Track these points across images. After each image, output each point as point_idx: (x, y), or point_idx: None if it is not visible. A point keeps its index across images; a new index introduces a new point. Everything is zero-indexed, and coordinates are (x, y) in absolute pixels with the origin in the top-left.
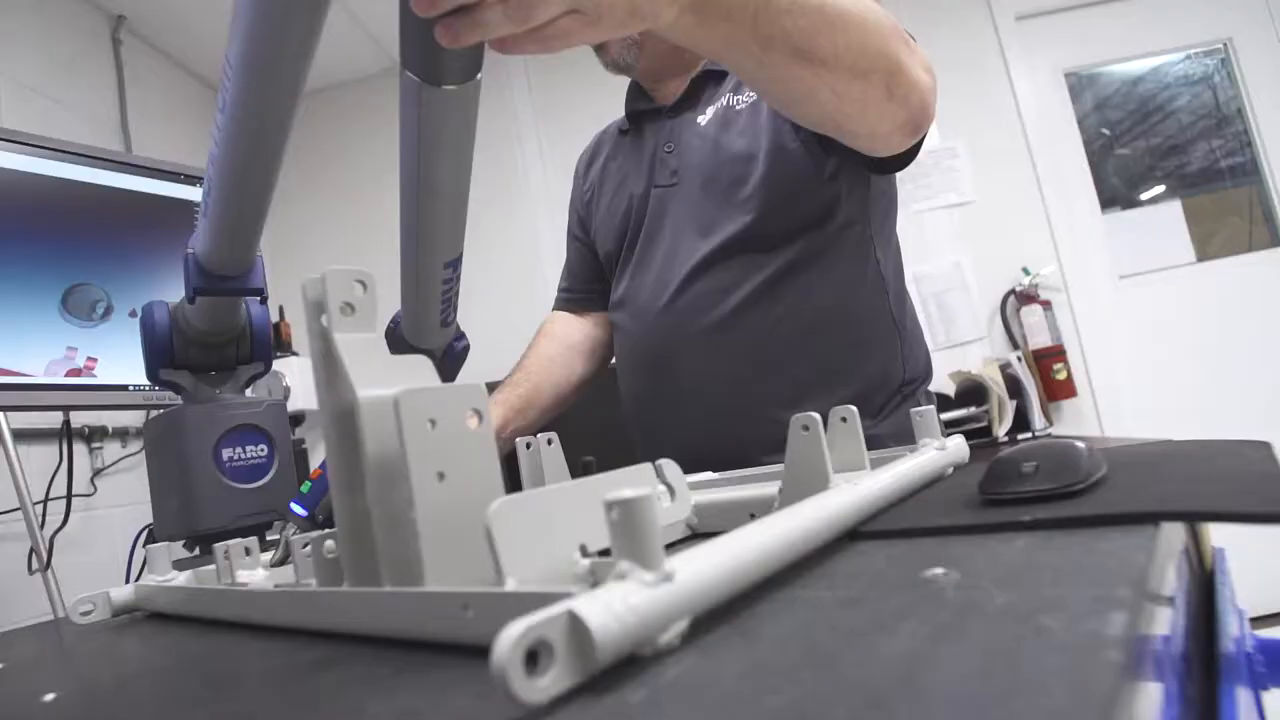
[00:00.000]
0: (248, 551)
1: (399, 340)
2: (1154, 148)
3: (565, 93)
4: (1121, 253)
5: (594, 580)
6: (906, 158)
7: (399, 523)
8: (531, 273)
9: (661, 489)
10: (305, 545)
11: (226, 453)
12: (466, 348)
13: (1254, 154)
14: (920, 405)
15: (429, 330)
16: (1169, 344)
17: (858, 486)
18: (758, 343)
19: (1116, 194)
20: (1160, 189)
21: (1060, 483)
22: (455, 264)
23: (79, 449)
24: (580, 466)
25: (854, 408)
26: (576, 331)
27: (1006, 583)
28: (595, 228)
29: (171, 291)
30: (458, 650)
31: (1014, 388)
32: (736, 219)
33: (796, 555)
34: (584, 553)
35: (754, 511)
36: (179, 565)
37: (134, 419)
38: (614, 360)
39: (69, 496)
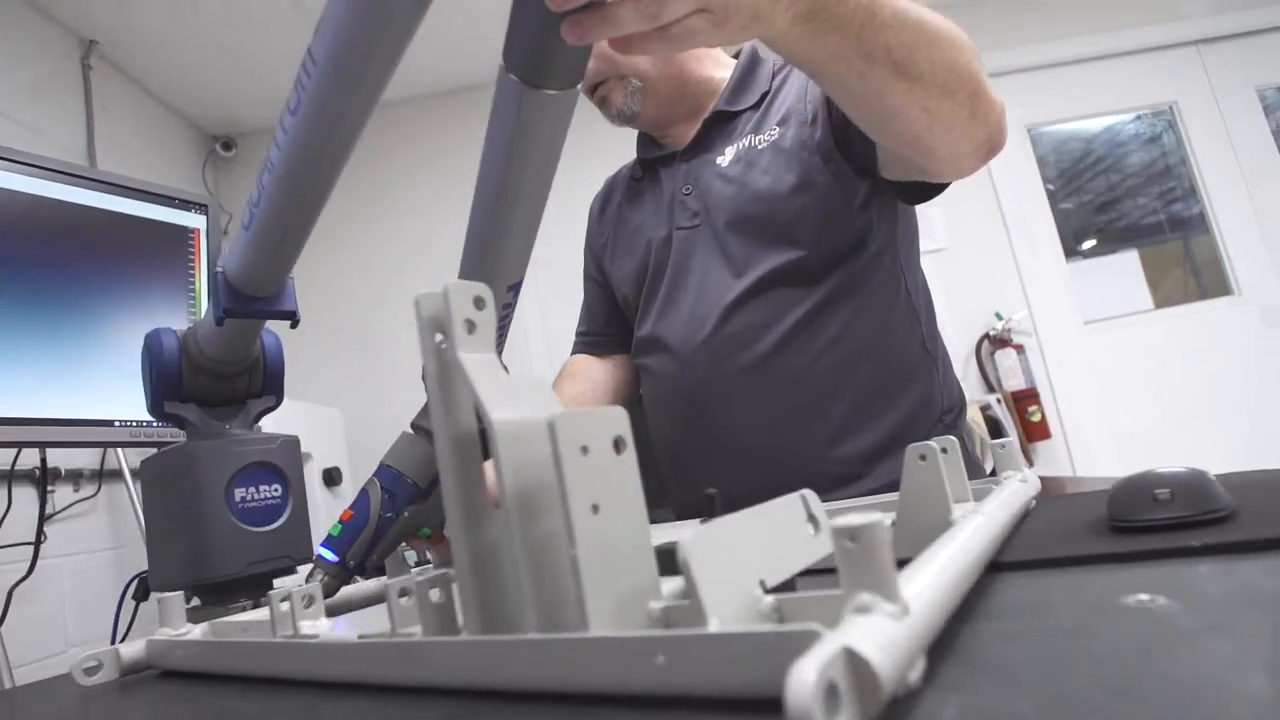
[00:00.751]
0: (309, 602)
1: None
2: (1108, 201)
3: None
4: (1086, 300)
5: (779, 617)
6: (943, 187)
7: (547, 560)
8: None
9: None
10: (402, 591)
11: (239, 493)
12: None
13: (1201, 207)
14: (959, 434)
15: None
16: (1132, 388)
17: (990, 516)
18: (799, 378)
19: (1077, 244)
20: (1114, 240)
21: (1202, 509)
22: (517, 289)
23: (30, 492)
24: (705, 500)
25: (954, 439)
26: (599, 372)
27: (1244, 608)
28: (612, 271)
29: (128, 316)
30: (632, 703)
31: (994, 429)
32: (771, 255)
33: (969, 584)
34: (763, 587)
35: None
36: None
37: (89, 459)
38: (640, 402)
39: (37, 543)
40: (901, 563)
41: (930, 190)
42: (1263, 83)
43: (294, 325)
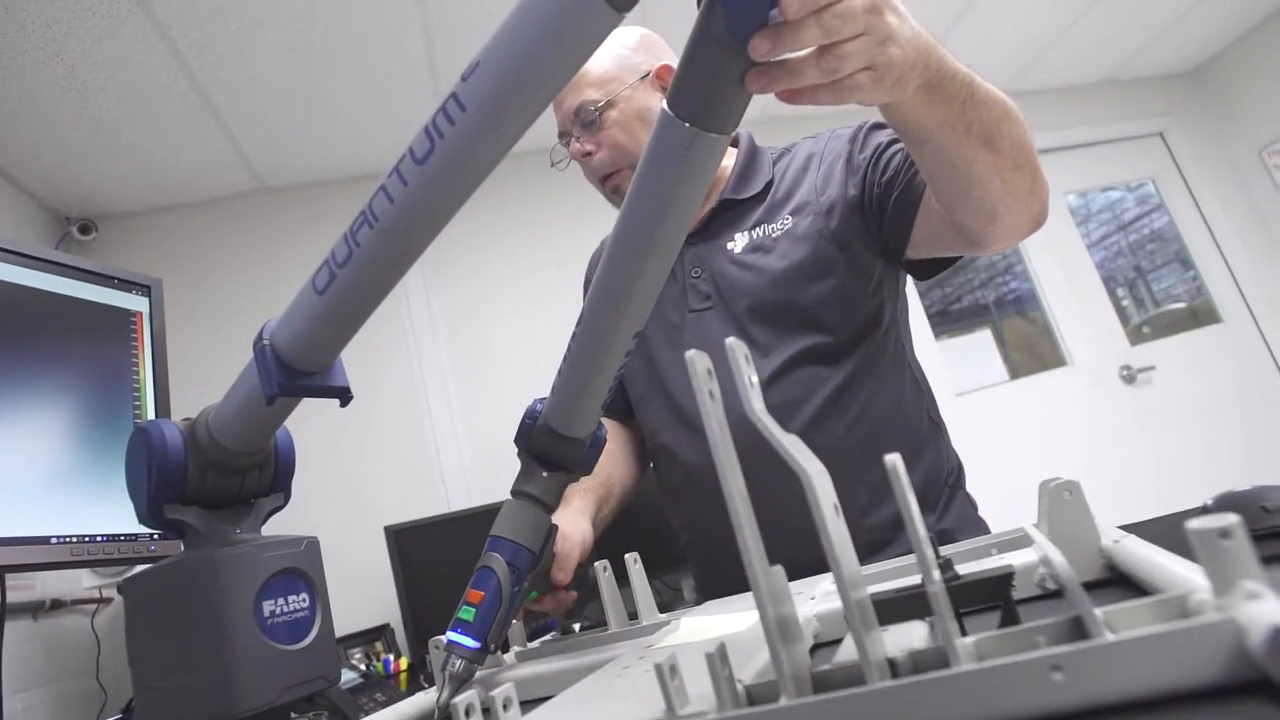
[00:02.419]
0: (507, 703)
1: (544, 433)
2: (964, 289)
3: (453, 238)
4: (954, 374)
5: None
6: (955, 262)
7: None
8: (418, 412)
9: None
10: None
11: (268, 606)
12: (606, 435)
13: (1036, 295)
14: (966, 497)
15: (590, 414)
16: (1001, 450)
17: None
18: (834, 452)
19: (942, 325)
20: (970, 321)
21: None
22: (638, 337)
23: None
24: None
25: (1078, 481)
26: (620, 434)
27: None
28: None
29: (57, 414)
30: None
31: None
32: (797, 338)
33: None
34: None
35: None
36: None
37: None
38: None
39: None
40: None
41: (942, 266)
42: (1067, 188)
43: (345, 404)
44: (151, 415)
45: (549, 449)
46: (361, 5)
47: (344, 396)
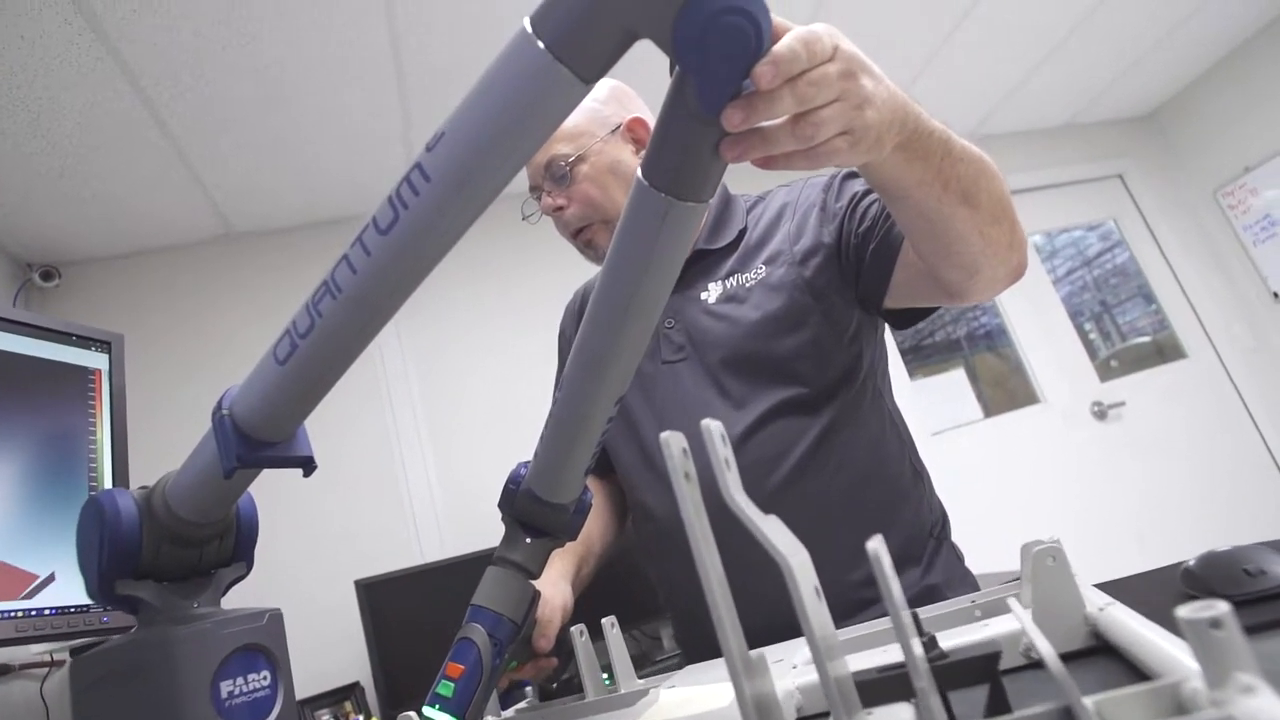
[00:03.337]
0: None
1: (528, 499)
2: (936, 327)
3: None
4: (929, 414)
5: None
6: (933, 311)
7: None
8: (390, 461)
9: None
10: None
11: (225, 687)
12: (593, 498)
13: (1007, 335)
14: (951, 548)
15: (574, 481)
16: (979, 488)
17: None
18: (813, 507)
19: (916, 365)
20: (943, 360)
21: None
22: (619, 403)
23: None
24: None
25: (1060, 544)
26: (600, 490)
27: None
28: None
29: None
30: None
31: None
32: (773, 390)
33: None
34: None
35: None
36: None
37: None
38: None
39: None
40: (1066, 657)
41: (921, 315)
42: (1031, 229)
43: (308, 473)
44: (109, 478)
45: (533, 515)
46: (333, 54)
47: (307, 466)
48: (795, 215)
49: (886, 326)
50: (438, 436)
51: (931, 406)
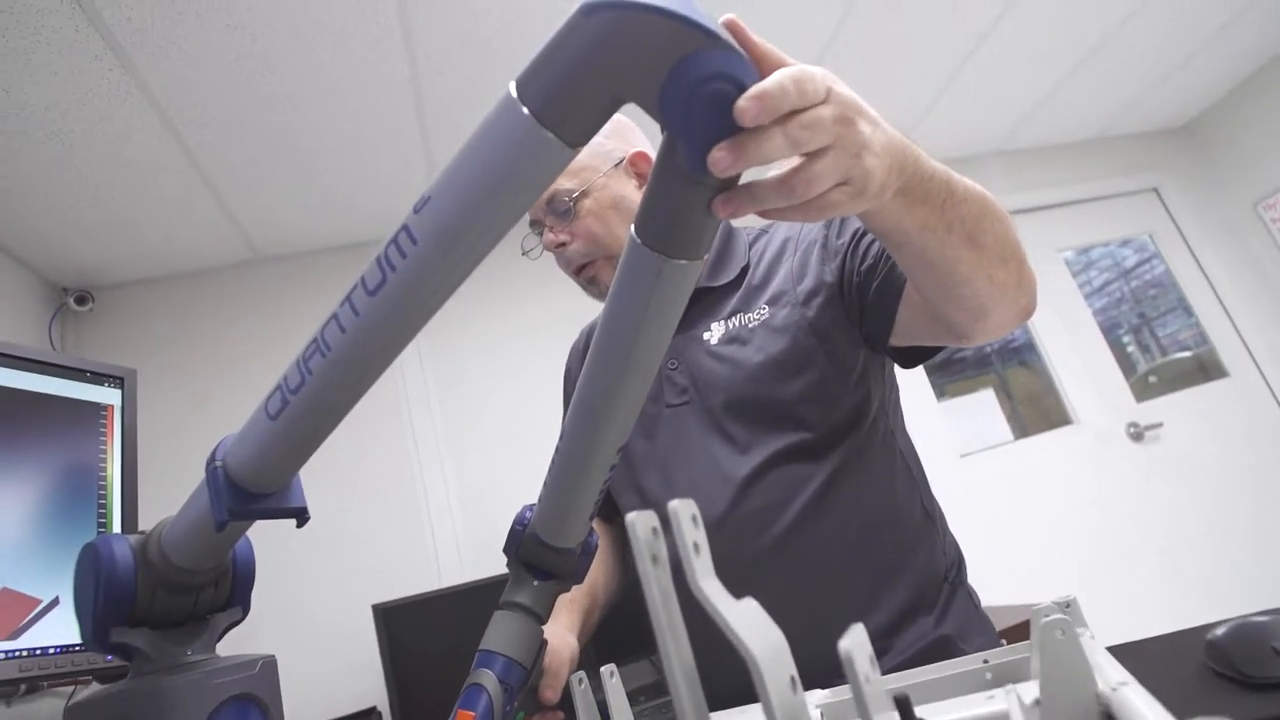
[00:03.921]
0: None
1: (533, 543)
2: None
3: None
4: (957, 435)
5: None
6: (940, 350)
7: None
8: (411, 484)
9: None
10: None
11: None
12: (598, 541)
13: (1037, 354)
14: (967, 594)
15: (579, 525)
16: (1008, 513)
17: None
18: (819, 556)
19: (942, 385)
20: (970, 380)
21: None
22: (622, 450)
23: None
24: None
25: (1069, 617)
26: (606, 534)
27: None
28: None
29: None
30: None
31: None
32: (777, 435)
33: None
34: None
35: None
36: None
37: None
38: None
39: None
40: None
41: (929, 353)
42: (1063, 245)
43: (302, 524)
44: (118, 513)
45: (539, 558)
46: (352, 82)
47: (300, 517)
48: (797, 252)
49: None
50: (459, 459)
51: (959, 428)
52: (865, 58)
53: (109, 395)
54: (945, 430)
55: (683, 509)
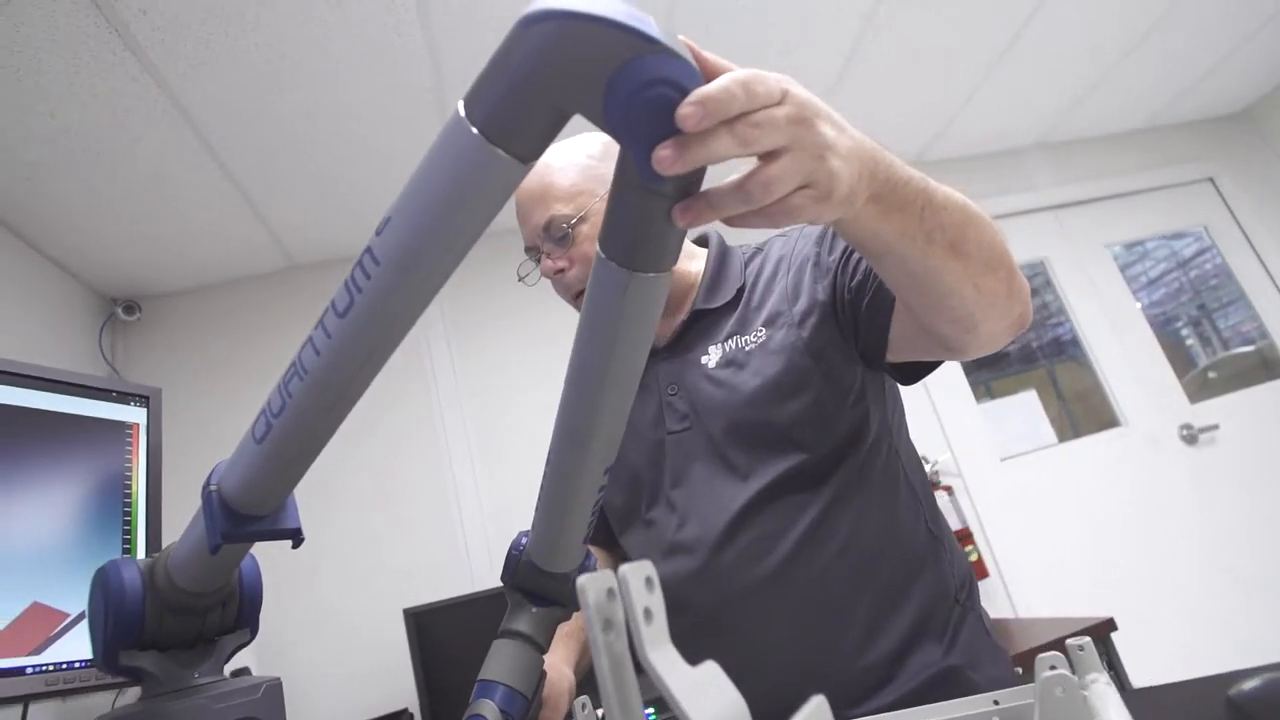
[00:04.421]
0: None
1: (529, 569)
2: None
3: (478, 319)
4: (998, 438)
5: None
6: (940, 364)
7: None
8: (443, 487)
9: None
10: None
11: None
12: (596, 564)
13: (1081, 351)
14: (978, 619)
15: (572, 550)
16: (1051, 519)
17: None
18: (818, 585)
19: (983, 386)
20: (1013, 382)
21: None
22: (610, 471)
23: None
24: None
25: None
26: (606, 562)
27: None
28: None
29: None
30: None
31: None
32: (774, 461)
33: None
34: None
35: None
36: None
37: None
38: None
39: None
40: None
41: (928, 368)
42: (1110, 240)
43: (297, 545)
44: (142, 532)
45: (536, 584)
46: (380, 95)
47: (295, 538)
48: (790, 270)
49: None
50: (491, 464)
51: (1000, 430)
52: (900, 45)
53: (134, 414)
54: (985, 433)
55: (634, 573)
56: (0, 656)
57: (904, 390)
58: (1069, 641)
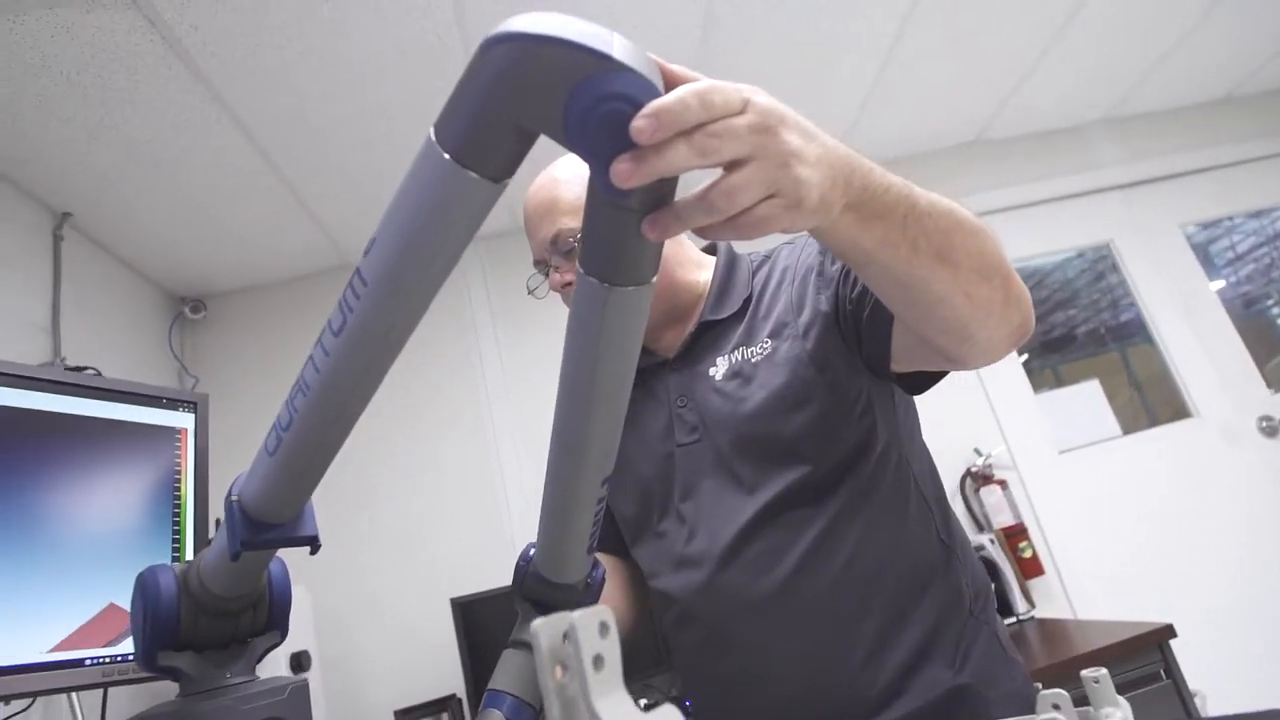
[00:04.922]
0: None
1: (536, 580)
2: (1065, 334)
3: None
4: (1057, 430)
5: None
6: (945, 374)
7: None
8: (490, 479)
9: None
10: None
11: None
12: (604, 574)
13: (1149, 338)
14: (992, 634)
15: (577, 560)
16: (1112, 515)
17: None
18: (824, 601)
19: (1041, 376)
20: (1074, 370)
21: None
22: (609, 482)
23: None
24: None
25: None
26: (617, 571)
27: None
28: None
29: (97, 536)
30: None
31: (990, 571)
32: (780, 474)
33: None
34: None
35: None
36: None
37: None
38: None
39: None
40: None
41: (935, 378)
42: (1184, 219)
43: (314, 551)
44: (190, 534)
45: (544, 595)
46: (423, 98)
47: (313, 545)
48: (795, 280)
49: None
50: (538, 454)
51: (1060, 422)
52: (955, 16)
53: (183, 419)
54: (1043, 425)
55: (584, 621)
56: (84, 648)
57: (958, 379)
58: (1084, 674)
